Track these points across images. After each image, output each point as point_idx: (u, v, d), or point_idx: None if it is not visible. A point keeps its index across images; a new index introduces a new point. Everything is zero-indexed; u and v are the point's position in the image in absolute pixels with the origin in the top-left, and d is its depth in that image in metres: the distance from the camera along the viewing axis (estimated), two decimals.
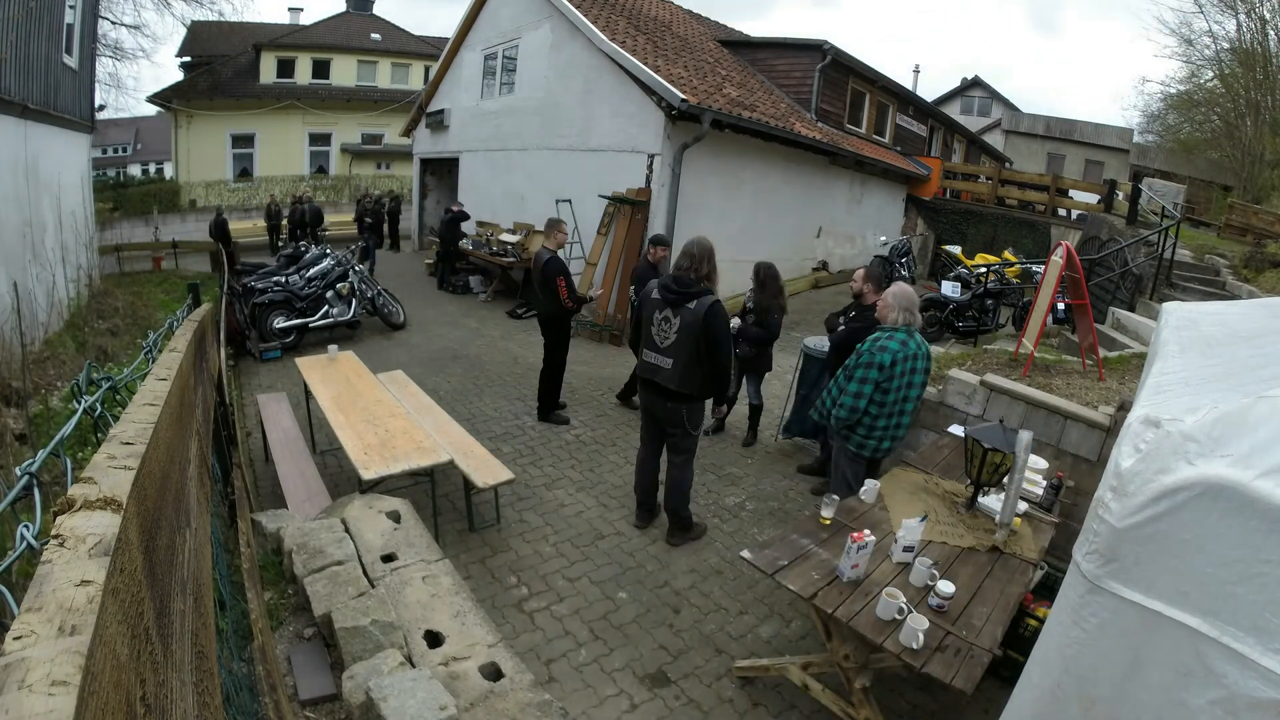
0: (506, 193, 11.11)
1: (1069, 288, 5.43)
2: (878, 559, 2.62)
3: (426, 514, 3.72)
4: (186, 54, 21.59)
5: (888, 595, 2.31)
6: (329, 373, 4.79)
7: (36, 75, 8.07)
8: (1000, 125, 25.26)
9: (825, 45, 11.47)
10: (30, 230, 7.70)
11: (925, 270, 13.93)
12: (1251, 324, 2.23)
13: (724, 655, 3.13)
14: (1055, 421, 4.09)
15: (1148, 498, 1.41)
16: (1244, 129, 15.72)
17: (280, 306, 7.54)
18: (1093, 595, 1.52)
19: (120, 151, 32.65)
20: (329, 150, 22.65)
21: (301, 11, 24.68)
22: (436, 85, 13.76)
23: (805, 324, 9.43)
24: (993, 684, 2.80)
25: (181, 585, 1.19)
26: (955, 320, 8.26)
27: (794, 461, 5.28)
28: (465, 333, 8.59)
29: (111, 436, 1.12)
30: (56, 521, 0.80)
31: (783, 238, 10.84)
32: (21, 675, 0.54)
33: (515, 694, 2.13)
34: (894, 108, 14.17)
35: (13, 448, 4.38)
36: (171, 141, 20.53)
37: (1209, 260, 8.91)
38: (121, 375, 1.92)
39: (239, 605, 2.32)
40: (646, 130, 8.24)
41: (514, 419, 5.76)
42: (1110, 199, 11.99)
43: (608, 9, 10.01)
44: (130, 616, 0.77)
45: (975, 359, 5.58)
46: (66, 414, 3.56)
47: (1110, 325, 7.24)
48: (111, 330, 8.46)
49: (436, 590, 2.62)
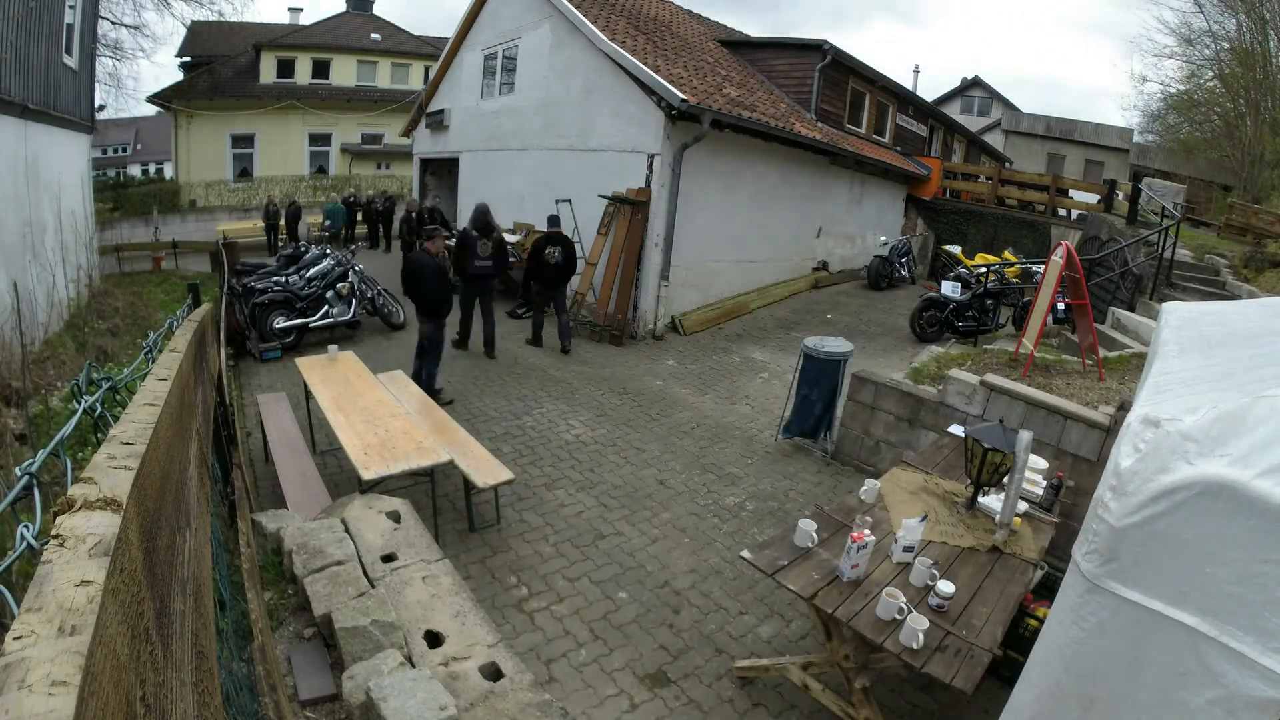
0: (507, 193, 11.11)
1: (1069, 288, 5.43)
2: (878, 559, 2.62)
3: (426, 514, 3.73)
4: (186, 54, 21.58)
5: (888, 595, 2.31)
6: (329, 373, 4.79)
7: (36, 75, 8.07)
8: (1000, 125, 25.24)
9: (825, 45, 11.46)
10: (30, 230, 7.70)
11: (925, 270, 13.93)
12: (1251, 324, 2.23)
13: (724, 655, 3.13)
14: (1055, 421, 4.09)
15: (1147, 497, 1.41)
16: (1244, 129, 15.71)
17: (280, 306, 7.54)
18: (1092, 595, 1.52)
19: (120, 151, 32.64)
20: (329, 150, 22.64)
21: (301, 11, 24.68)
22: (436, 85, 13.76)
23: (805, 324, 9.44)
24: (993, 684, 2.80)
25: (181, 585, 1.20)
26: (955, 320, 8.26)
27: (794, 461, 5.29)
28: None
29: (111, 436, 1.12)
30: (56, 521, 0.80)
31: (783, 238, 10.84)
32: (21, 675, 0.54)
33: (515, 694, 2.13)
34: (894, 108, 14.17)
35: (13, 448, 4.38)
36: (171, 141, 20.53)
37: (1209, 260, 8.91)
38: (121, 375, 1.92)
39: (239, 605, 2.32)
40: (646, 130, 8.24)
41: (514, 419, 5.77)
42: (1110, 199, 11.99)
43: (608, 9, 10.01)
44: (130, 616, 0.77)
45: (975, 359, 5.59)
46: (66, 414, 3.56)
47: (1110, 325, 7.25)
48: (111, 330, 8.46)
49: (436, 590, 2.62)
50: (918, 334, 8.39)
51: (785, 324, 9.47)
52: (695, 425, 5.88)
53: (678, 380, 7.07)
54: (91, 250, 10.81)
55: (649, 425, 5.82)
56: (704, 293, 9.42)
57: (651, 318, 8.57)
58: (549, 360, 7.48)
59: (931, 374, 5.48)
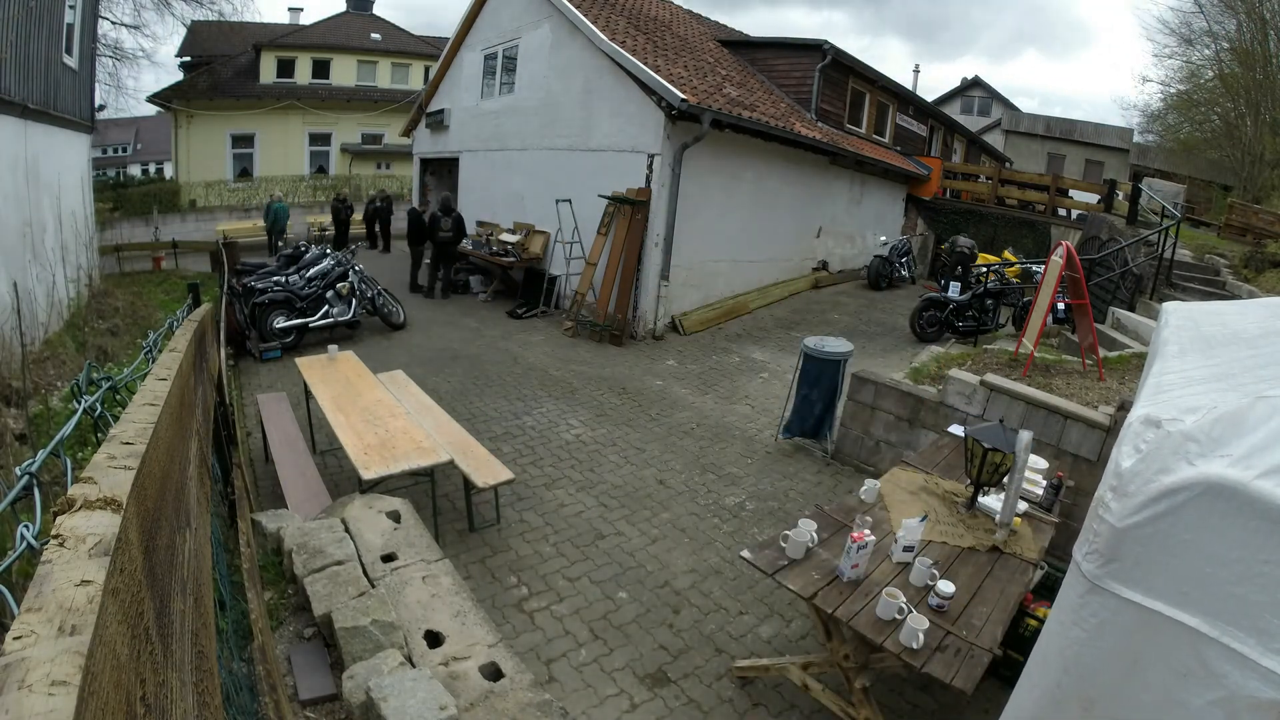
0: (506, 193, 11.11)
1: (1069, 287, 5.43)
2: (878, 559, 2.62)
3: (426, 514, 3.73)
4: (186, 54, 21.57)
5: (888, 595, 2.31)
6: (329, 373, 4.79)
7: (37, 75, 8.06)
8: (1000, 125, 25.25)
9: (825, 45, 11.46)
10: (30, 230, 7.69)
11: (925, 270, 13.93)
12: (1251, 324, 2.23)
13: (724, 655, 3.13)
14: (1055, 421, 4.09)
15: (1148, 498, 1.41)
16: (1244, 129, 15.70)
17: (280, 306, 7.54)
18: (1093, 595, 1.52)
19: (120, 151, 32.63)
20: (329, 150, 22.63)
21: (301, 11, 24.66)
22: (436, 85, 13.76)
23: (805, 324, 9.44)
24: (993, 684, 2.80)
25: (181, 585, 1.19)
26: (955, 320, 8.26)
27: (794, 461, 5.29)
28: (465, 333, 8.60)
29: (111, 436, 1.12)
30: (56, 521, 0.80)
31: (783, 237, 10.84)
32: (21, 675, 0.54)
33: (515, 694, 2.13)
34: (894, 108, 14.17)
35: (13, 448, 4.38)
36: (171, 141, 20.52)
37: (1209, 260, 8.91)
38: (121, 375, 1.92)
39: (239, 605, 2.32)
40: (646, 130, 8.24)
41: (514, 419, 5.77)
42: (1110, 199, 11.99)
43: (608, 9, 10.01)
44: (130, 616, 0.77)
45: (975, 359, 5.59)
46: (66, 414, 3.56)
47: (1110, 325, 7.25)
48: (111, 330, 8.45)
49: (436, 590, 2.62)
50: (918, 334, 8.39)
51: (785, 324, 9.47)
52: (695, 425, 5.88)
53: (678, 380, 7.07)
54: (91, 250, 10.80)
55: (649, 425, 5.82)
56: (704, 292, 9.42)
57: (651, 317, 8.58)
58: (549, 360, 7.48)
59: (931, 374, 5.49)
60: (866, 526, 2.69)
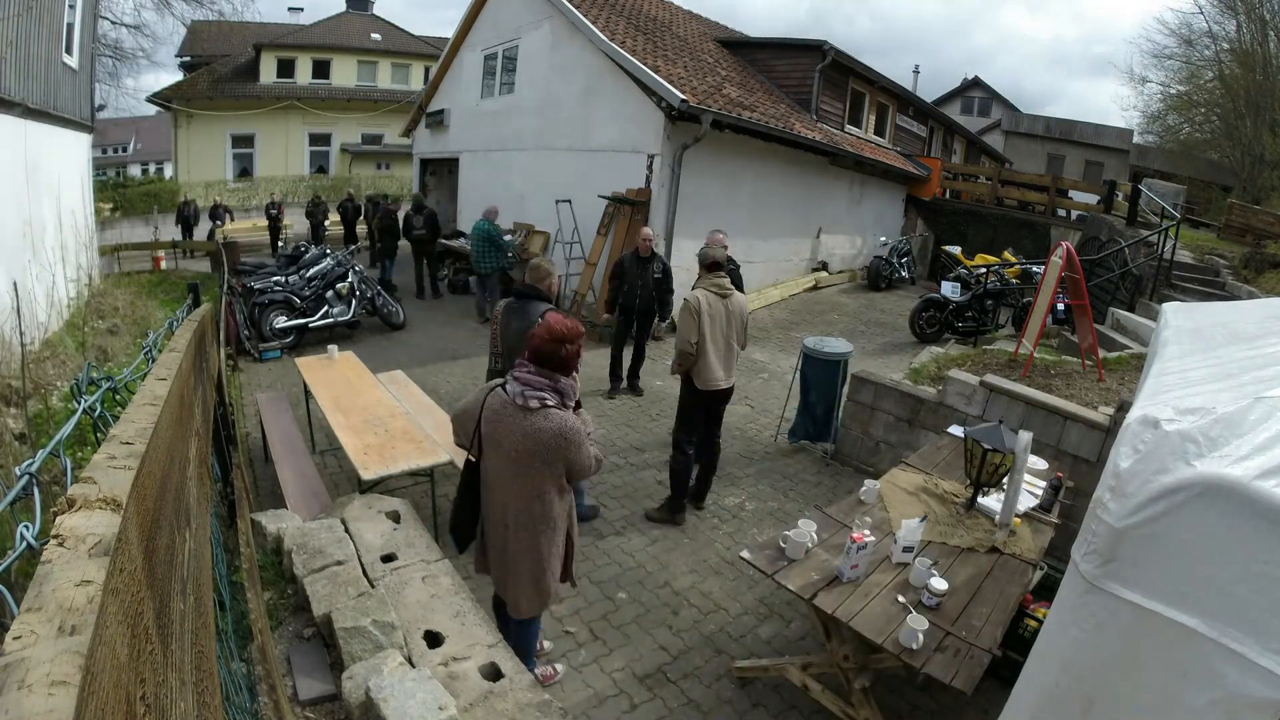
0: (506, 193, 11.11)
1: (1069, 288, 5.44)
2: (878, 559, 2.62)
3: (426, 514, 3.73)
4: (186, 54, 21.59)
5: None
6: (329, 373, 4.79)
7: (36, 75, 8.06)
8: (1000, 126, 25.27)
9: (825, 46, 11.47)
10: (30, 230, 7.69)
11: (925, 270, 13.93)
12: (1251, 324, 2.24)
13: (724, 655, 3.13)
14: (1055, 422, 4.09)
15: (1146, 498, 1.41)
16: (1244, 129, 15.71)
17: (280, 306, 7.54)
18: (1091, 595, 1.52)
19: (120, 151, 32.66)
20: (329, 150, 22.66)
21: (301, 11, 24.71)
22: (436, 85, 13.76)
23: (804, 324, 9.44)
24: (992, 684, 2.79)
25: (181, 585, 1.20)
26: (955, 321, 8.26)
27: (794, 462, 5.28)
28: (465, 333, 8.59)
29: (111, 436, 1.12)
30: (56, 521, 0.80)
31: (782, 238, 10.84)
32: (21, 675, 0.54)
33: (515, 694, 2.13)
34: (894, 108, 14.17)
35: (12, 448, 4.38)
36: (171, 141, 20.55)
37: (1209, 261, 8.92)
38: (121, 375, 1.92)
39: (239, 605, 2.32)
40: (646, 130, 8.24)
41: None
42: (1110, 199, 11.99)
43: (608, 9, 10.01)
44: (130, 616, 0.77)
45: (975, 359, 5.59)
46: (66, 414, 3.56)
47: (1110, 326, 7.25)
48: (111, 330, 8.45)
49: (436, 590, 2.62)
50: (917, 334, 8.39)
51: (785, 324, 9.47)
52: None
53: (678, 380, 7.05)
54: (91, 250, 10.80)
55: (649, 425, 5.82)
56: None
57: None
58: None
59: (931, 374, 5.49)
60: (866, 527, 2.69)
